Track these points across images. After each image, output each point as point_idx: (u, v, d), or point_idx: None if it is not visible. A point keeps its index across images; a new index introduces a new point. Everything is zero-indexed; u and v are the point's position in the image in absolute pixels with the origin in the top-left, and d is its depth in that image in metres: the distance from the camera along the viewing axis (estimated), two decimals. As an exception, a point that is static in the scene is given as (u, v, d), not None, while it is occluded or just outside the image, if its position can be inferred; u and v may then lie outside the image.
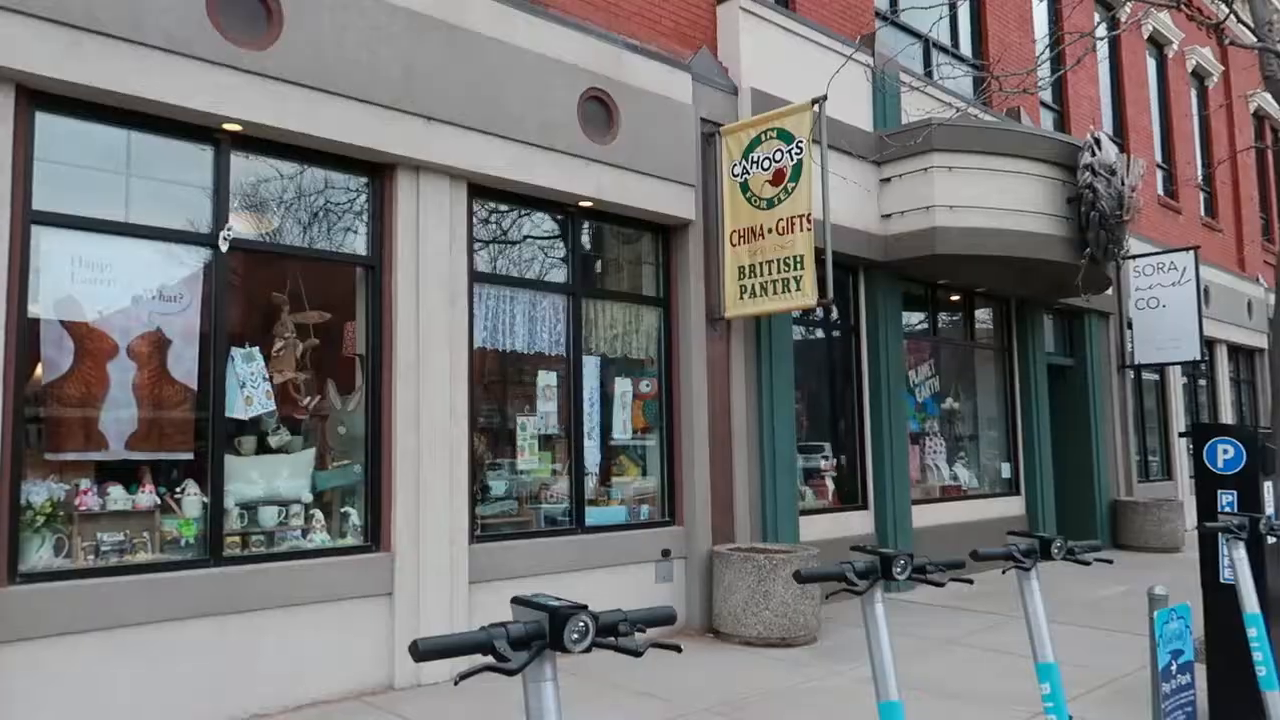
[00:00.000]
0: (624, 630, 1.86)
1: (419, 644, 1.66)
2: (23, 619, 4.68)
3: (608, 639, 1.84)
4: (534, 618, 1.80)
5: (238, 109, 5.46)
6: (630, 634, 1.87)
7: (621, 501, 7.67)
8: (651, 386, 7.99)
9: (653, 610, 1.98)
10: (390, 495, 6.12)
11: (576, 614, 1.77)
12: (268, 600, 5.51)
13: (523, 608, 1.84)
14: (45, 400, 5.06)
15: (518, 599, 1.85)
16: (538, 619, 1.79)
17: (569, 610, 1.77)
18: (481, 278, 6.88)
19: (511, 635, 1.75)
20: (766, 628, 7.15)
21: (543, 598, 1.85)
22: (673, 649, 1.97)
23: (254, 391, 5.72)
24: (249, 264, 5.90)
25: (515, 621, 1.78)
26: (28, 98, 4.95)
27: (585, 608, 1.79)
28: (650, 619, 1.96)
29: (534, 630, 1.78)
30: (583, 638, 1.78)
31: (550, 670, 1.82)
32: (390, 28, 6.13)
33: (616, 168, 7.41)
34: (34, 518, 4.92)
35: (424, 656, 1.65)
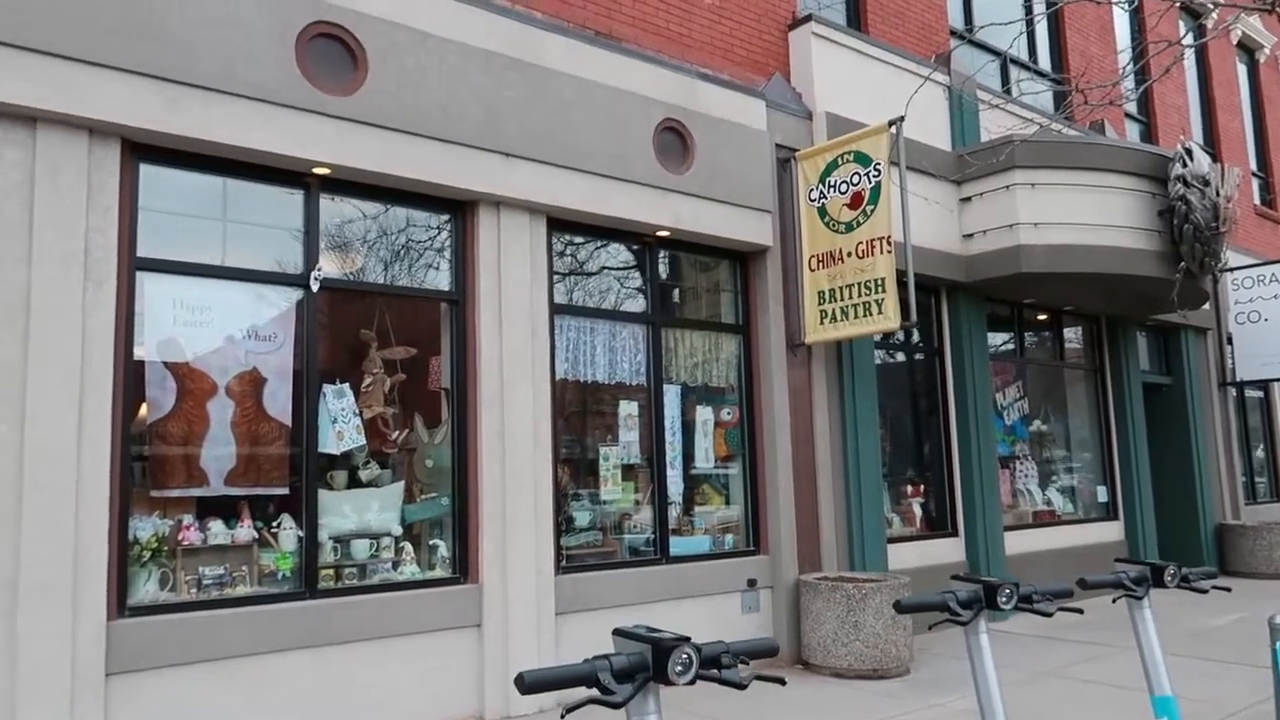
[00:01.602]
0: (727, 662, 1.83)
1: (525, 676, 1.65)
2: (131, 651, 4.84)
3: (711, 671, 1.81)
4: (636, 649, 1.78)
5: (326, 153, 5.64)
6: (733, 666, 1.84)
7: (705, 531, 7.61)
8: (733, 414, 7.93)
9: (754, 642, 1.94)
10: (477, 527, 6.18)
11: (680, 646, 1.74)
12: (361, 632, 5.59)
13: (625, 639, 1.83)
14: (150, 439, 5.26)
15: (619, 631, 1.84)
16: (640, 651, 1.77)
17: (672, 642, 1.75)
18: (562, 309, 6.94)
19: (615, 667, 1.73)
20: (857, 659, 6.98)
21: (644, 629, 1.83)
22: (777, 681, 1.92)
23: (345, 426, 5.85)
24: (338, 302, 6.06)
25: (618, 654, 1.77)
26: (132, 150, 5.19)
27: (688, 639, 1.77)
28: (752, 651, 1.93)
29: (637, 662, 1.76)
30: (686, 670, 1.76)
31: (654, 703, 1.79)
32: (468, 69, 6.28)
33: (693, 196, 7.43)
34: (141, 552, 5.10)
35: (530, 689, 1.64)
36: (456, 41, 6.24)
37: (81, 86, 4.85)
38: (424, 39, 6.09)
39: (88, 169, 4.94)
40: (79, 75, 4.84)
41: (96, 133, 4.98)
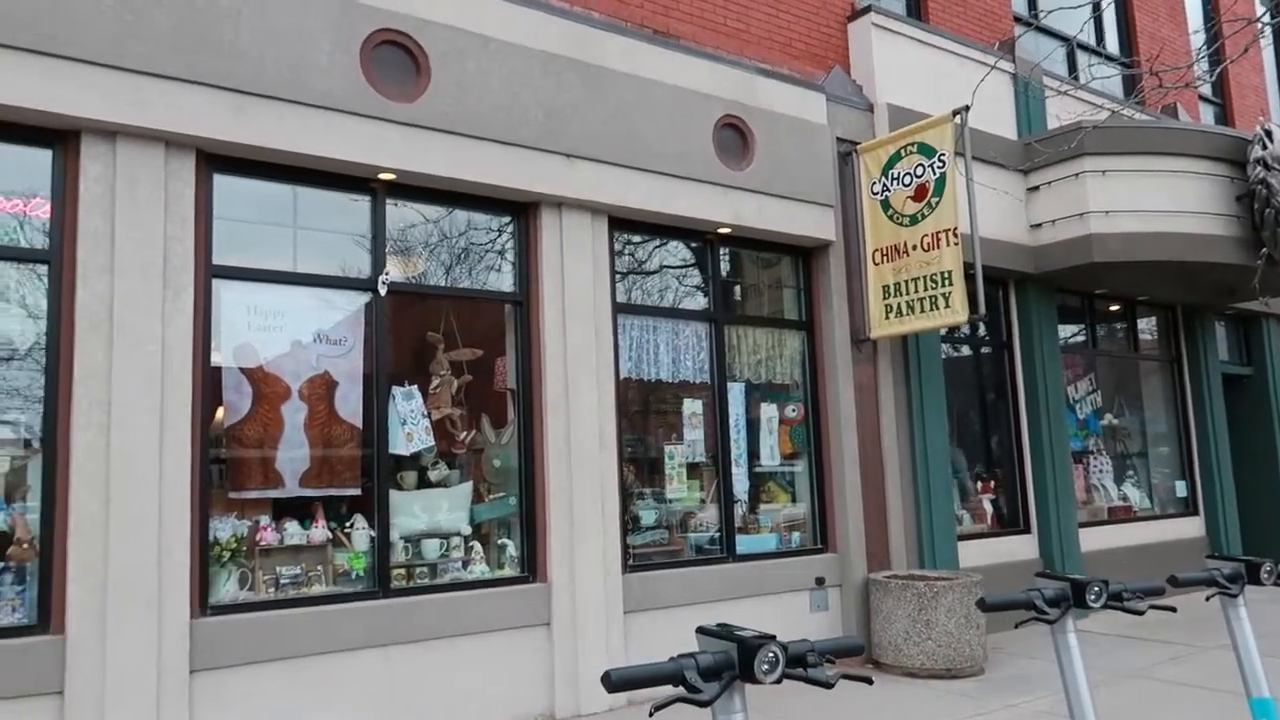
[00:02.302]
0: (813, 661, 1.81)
1: (611, 675, 1.65)
2: (213, 649, 4.97)
3: (797, 670, 1.79)
4: (721, 648, 1.77)
5: (391, 159, 5.72)
6: (819, 665, 1.82)
7: (772, 529, 7.55)
8: (798, 411, 7.86)
9: (839, 641, 1.91)
10: (545, 526, 6.21)
11: (766, 644, 1.72)
12: (431, 631, 5.66)
13: (708, 638, 1.81)
14: (227, 442, 5.39)
15: (703, 629, 1.82)
16: (726, 649, 1.75)
17: (758, 640, 1.73)
18: (625, 309, 6.94)
19: (701, 666, 1.72)
20: (929, 658, 6.87)
21: (728, 627, 1.82)
22: (864, 681, 1.89)
23: (414, 428, 5.93)
24: (405, 305, 6.14)
25: (703, 651, 1.75)
26: (206, 161, 5.32)
27: (773, 638, 1.75)
28: (837, 649, 1.90)
29: (723, 661, 1.74)
30: (773, 668, 1.73)
31: (740, 702, 1.78)
32: (529, 71, 6.32)
33: (754, 193, 7.38)
34: (220, 553, 5.22)
35: (617, 687, 1.64)
36: (517, 44, 6.28)
37: (158, 101, 4.99)
38: (485, 43, 6.14)
39: (164, 180, 5.08)
40: (155, 90, 4.98)
41: (172, 145, 5.12)
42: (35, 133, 4.88)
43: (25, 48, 4.65)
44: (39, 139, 4.90)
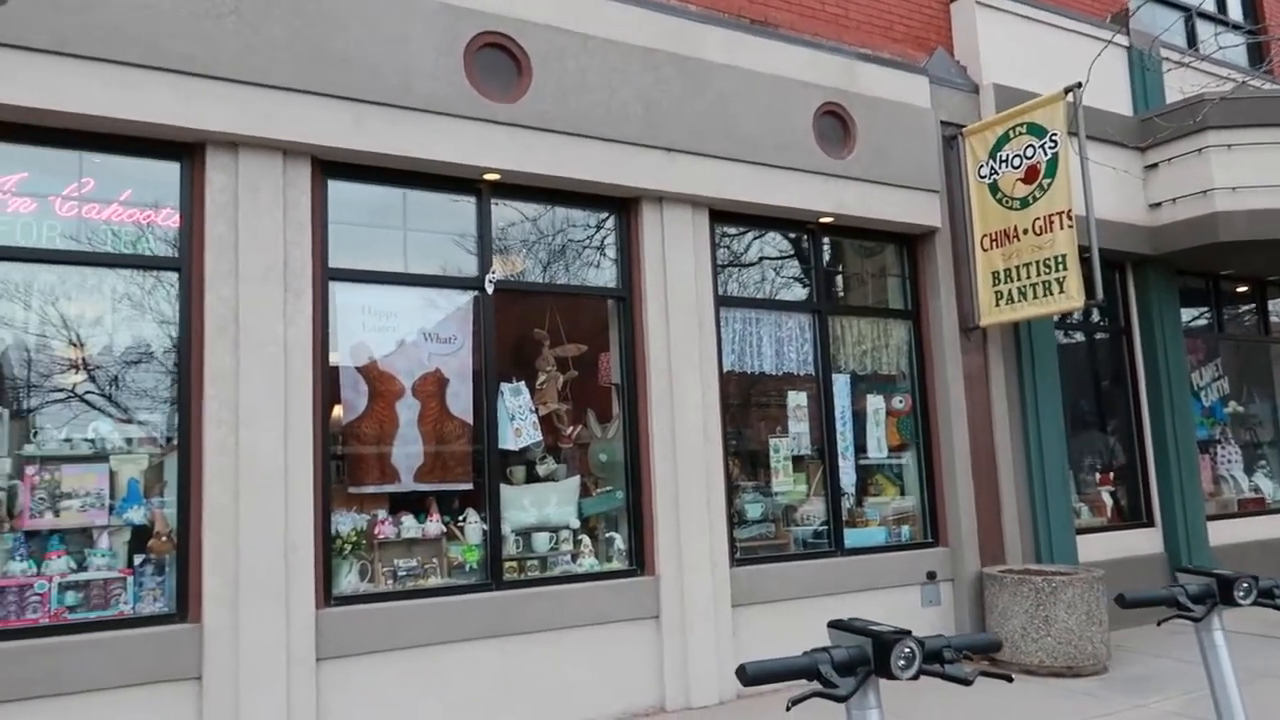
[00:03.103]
0: (949, 657, 1.77)
1: (747, 668, 1.64)
2: (336, 639, 5.15)
3: (933, 666, 1.75)
4: (855, 643, 1.74)
5: (495, 159, 5.82)
6: (956, 661, 1.77)
7: (880, 522, 7.42)
8: (905, 402, 7.70)
9: (975, 637, 1.86)
10: (652, 520, 6.24)
11: (902, 639, 1.69)
12: (543, 622, 5.75)
13: (841, 632, 1.79)
14: (346, 439, 5.58)
15: (835, 623, 1.80)
16: (860, 644, 1.73)
17: (893, 636, 1.70)
18: (727, 301, 6.92)
19: (836, 660, 1.70)
20: (1049, 655, 6.64)
21: (861, 622, 1.79)
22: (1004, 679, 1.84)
23: (522, 423, 6.03)
24: (510, 302, 6.24)
25: (837, 646, 1.73)
26: (321, 168, 5.51)
27: (909, 633, 1.72)
28: (974, 645, 1.85)
29: (857, 656, 1.72)
30: (909, 664, 1.70)
31: (875, 697, 1.75)
32: (627, 67, 6.34)
33: (856, 180, 7.25)
34: (341, 546, 5.41)
35: (752, 680, 1.63)
36: (615, 41, 6.32)
37: (276, 112, 5.18)
38: (584, 41, 6.19)
39: (283, 188, 5.28)
40: (274, 102, 5.18)
41: (290, 153, 5.32)
42: (165, 146, 5.13)
43: (161, 67, 4.89)
44: (169, 152, 5.16)
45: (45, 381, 4.89)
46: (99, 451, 4.93)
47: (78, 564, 4.79)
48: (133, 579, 4.87)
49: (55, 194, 4.96)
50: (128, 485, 4.96)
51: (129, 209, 5.11)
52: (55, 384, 4.91)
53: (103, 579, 4.80)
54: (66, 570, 4.74)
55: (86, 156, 5.03)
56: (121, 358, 5.06)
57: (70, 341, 4.96)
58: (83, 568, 4.80)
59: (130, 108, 4.85)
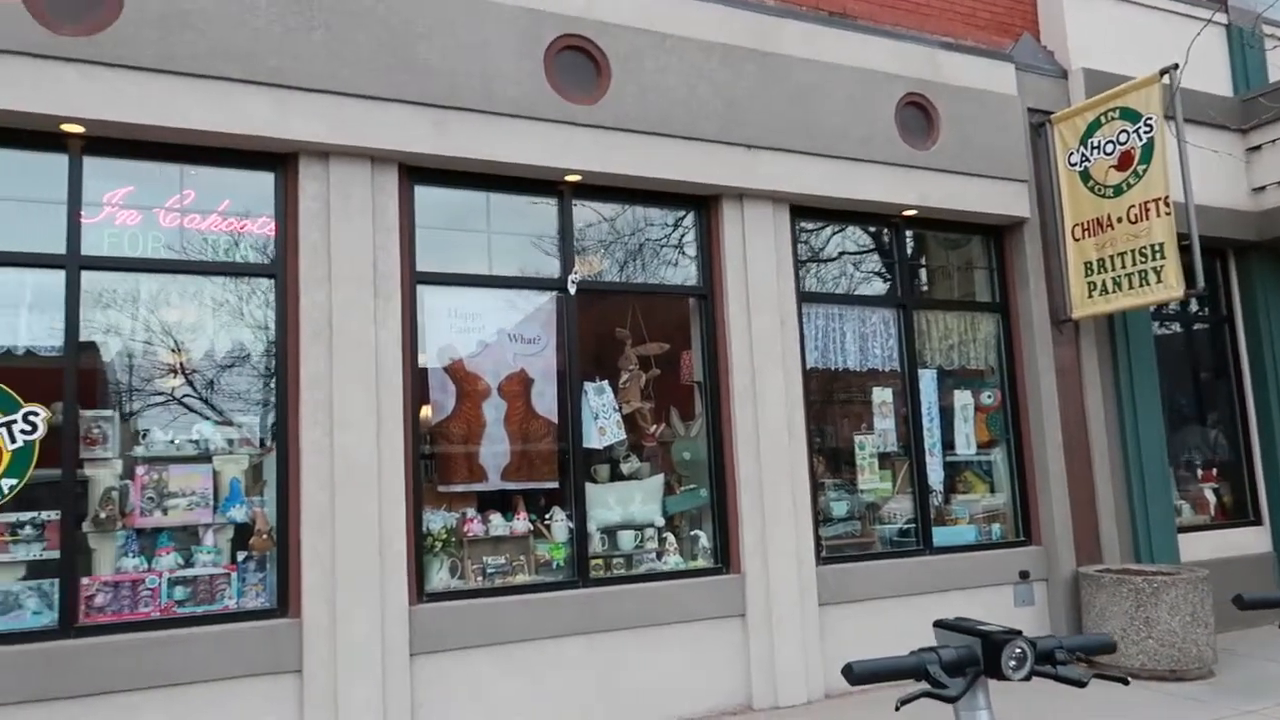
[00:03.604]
0: (1062, 658, 1.72)
1: (853, 667, 1.63)
2: (429, 634, 5.26)
3: (1045, 667, 1.71)
4: (963, 642, 1.71)
5: (577, 160, 5.87)
6: (1068, 662, 1.73)
7: (970, 520, 7.26)
8: (994, 397, 7.52)
9: (1089, 638, 1.81)
10: (736, 518, 6.22)
11: (1013, 639, 1.66)
12: (629, 620, 5.78)
13: (947, 632, 1.76)
14: (435, 439, 5.70)
15: (941, 622, 1.77)
16: (969, 644, 1.70)
17: (1004, 635, 1.66)
18: (809, 297, 6.85)
19: (944, 660, 1.67)
20: (1150, 658, 6.42)
21: (968, 621, 1.76)
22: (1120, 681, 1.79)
23: (606, 422, 6.07)
24: (593, 302, 6.28)
25: (945, 646, 1.70)
26: (407, 174, 5.63)
27: (1020, 633, 1.68)
28: (1086, 646, 1.80)
29: (966, 656, 1.69)
30: (1021, 665, 1.67)
31: (984, 698, 1.72)
32: (706, 64, 6.32)
33: (940, 172, 7.11)
34: (432, 543, 5.53)
35: (859, 680, 1.62)
36: (694, 39, 6.31)
37: (364, 121, 5.32)
38: (662, 40, 6.20)
39: (372, 194, 5.42)
40: (361, 110, 5.32)
41: (377, 160, 5.45)
42: (261, 157, 5.31)
43: (256, 81, 5.07)
44: (264, 163, 5.33)
45: (152, 386, 5.11)
46: (203, 452, 5.13)
47: (185, 560, 5.00)
48: (236, 575, 5.05)
49: (159, 206, 5.17)
50: (230, 485, 5.15)
51: (227, 219, 5.30)
52: (161, 388, 5.13)
53: (209, 575, 5.00)
54: (175, 566, 4.95)
55: (187, 169, 5.23)
56: (222, 362, 5.25)
57: (174, 347, 5.17)
58: (190, 564, 5.00)
59: (228, 121, 5.03)
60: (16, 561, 4.66)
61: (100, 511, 4.87)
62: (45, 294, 4.86)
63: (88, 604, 4.73)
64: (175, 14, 4.94)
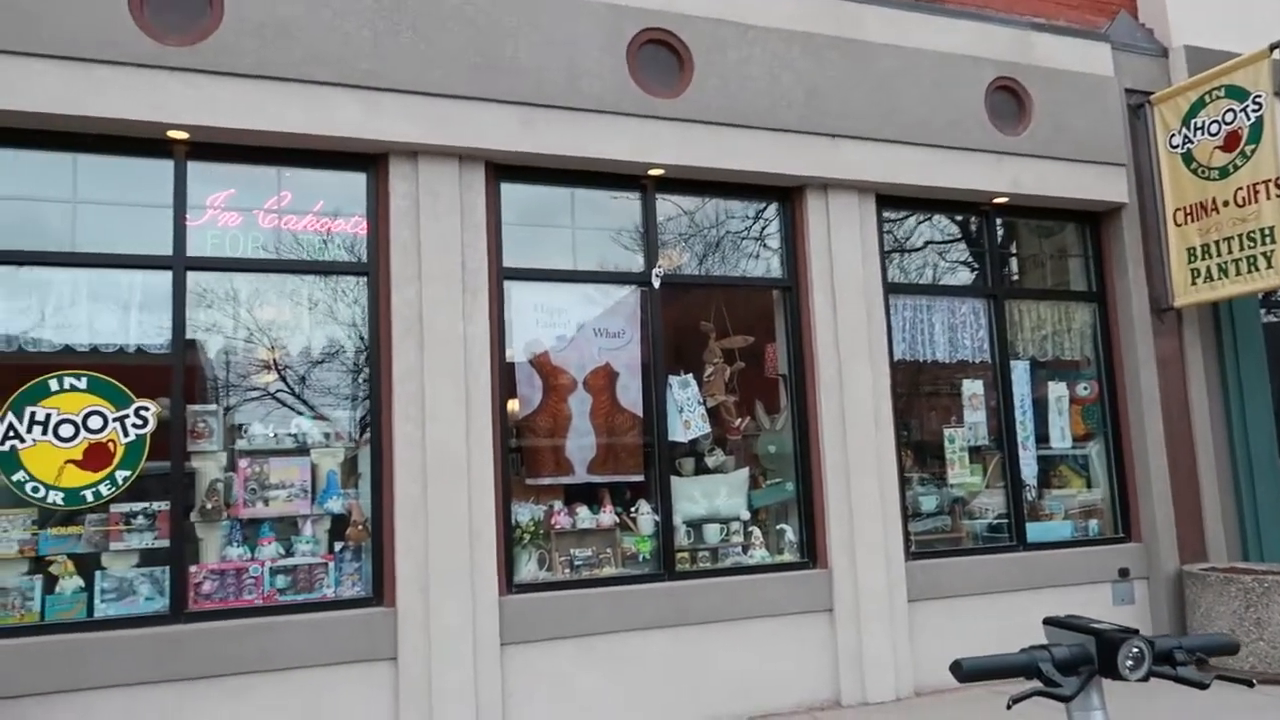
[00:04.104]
0: (1181, 659, 1.66)
1: (962, 664, 1.60)
2: (518, 625, 5.35)
3: (1164, 668, 1.65)
4: (1075, 640, 1.66)
5: (659, 154, 5.87)
6: (1188, 663, 1.67)
7: (1065, 516, 7.05)
8: (1090, 389, 7.28)
9: (1210, 638, 1.75)
10: (823, 512, 6.16)
11: (1129, 638, 1.60)
12: (715, 614, 5.78)
13: (1057, 629, 1.71)
14: (522, 432, 5.78)
15: (1051, 620, 1.73)
16: (1082, 642, 1.65)
17: (1119, 634, 1.61)
18: (896, 288, 6.73)
19: (1056, 659, 1.63)
20: (1261, 661, 6.15)
21: (1080, 619, 1.71)
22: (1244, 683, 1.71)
23: (691, 415, 6.07)
24: (676, 296, 6.28)
25: (1057, 644, 1.66)
26: (494, 171, 5.71)
27: (1136, 631, 1.63)
28: (1207, 647, 1.74)
29: (1080, 654, 1.64)
30: (1138, 665, 1.61)
31: (1099, 699, 1.67)
32: (788, 54, 6.26)
33: (1032, 157, 6.90)
34: (521, 535, 5.61)
35: (968, 677, 1.59)
36: (775, 28, 6.25)
37: (451, 120, 5.41)
38: (744, 31, 6.16)
39: (459, 192, 5.51)
40: (450, 110, 5.41)
41: (465, 159, 5.54)
42: (352, 159, 5.45)
43: (347, 84, 5.20)
44: (355, 164, 5.47)
45: (251, 382, 5.30)
46: (301, 446, 5.29)
47: (285, 550, 5.17)
48: (333, 564, 5.21)
49: (258, 208, 5.35)
50: (327, 477, 5.31)
51: (321, 219, 5.46)
52: (260, 384, 5.31)
53: (308, 564, 5.16)
54: (276, 555, 5.13)
55: (284, 171, 5.40)
56: (317, 358, 5.42)
57: (272, 344, 5.35)
58: (290, 553, 5.17)
59: (321, 124, 5.17)
60: (131, 550, 4.89)
61: (206, 502, 5.07)
62: (153, 294, 5.07)
63: (196, 591, 4.94)
64: (272, 22, 5.10)
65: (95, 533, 4.84)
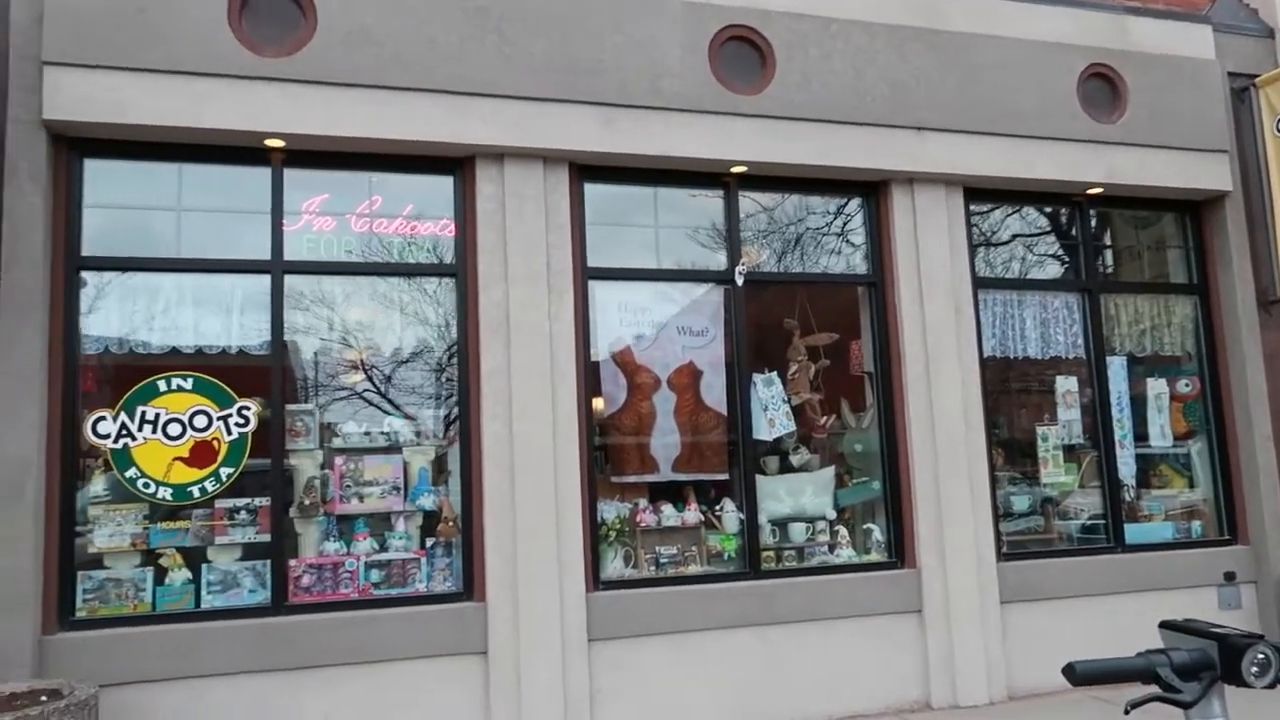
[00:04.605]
0: (1310, 666, 1.59)
1: (1076, 667, 1.56)
2: (605, 621, 5.39)
3: (1291, 675, 1.58)
4: (1195, 645, 1.61)
5: (742, 151, 5.84)
6: (1318, 671, 1.60)
7: (1165, 516, 6.80)
8: (1192, 385, 7.01)
9: (1341, 644, 1.66)
10: (911, 511, 6.06)
11: (1255, 643, 1.55)
12: (801, 613, 5.73)
13: (1175, 633, 1.66)
14: (608, 431, 5.82)
15: (1168, 623, 1.68)
16: (1202, 647, 1.60)
17: (1244, 639, 1.55)
18: (985, 283, 6.58)
19: (1175, 663, 1.58)
20: (1382, 671, 5.82)
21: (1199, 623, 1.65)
22: (1379, 692, 1.63)
23: (775, 414, 6.04)
24: (759, 293, 6.25)
25: (1175, 649, 1.61)
26: (577, 172, 5.77)
27: (1262, 637, 1.56)
28: (1338, 654, 1.65)
29: (1200, 659, 1.59)
30: (1264, 671, 1.56)
31: (1220, 706, 1.61)
32: (872, 47, 6.17)
33: (1129, 146, 6.67)
34: (607, 533, 5.65)
35: (1082, 680, 1.55)
36: (859, 21, 6.17)
37: (535, 122, 5.48)
38: (827, 25, 6.09)
39: (544, 193, 5.58)
40: (534, 112, 5.48)
41: (549, 161, 5.61)
42: (440, 162, 5.56)
43: (434, 89, 5.31)
44: (443, 167, 5.58)
45: (344, 381, 5.45)
46: (393, 444, 5.43)
47: (379, 545, 5.31)
48: (425, 560, 5.33)
49: (350, 212, 5.50)
50: (418, 474, 5.43)
51: (411, 222, 5.58)
52: (352, 384, 5.46)
53: (401, 559, 5.29)
54: (370, 551, 5.27)
55: (374, 176, 5.54)
56: (407, 358, 5.54)
57: (364, 345, 5.50)
58: (384, 549, 5.30)
59: (409, 129, 5.29)
60: (234, 544, 5.08)
61: (304, 498, 5.24)
62: (252, 297, 5.26)
63: (295, 584, 5.10)
64: (360, 31, 5.24)
65: (201, 527, 5.05)
